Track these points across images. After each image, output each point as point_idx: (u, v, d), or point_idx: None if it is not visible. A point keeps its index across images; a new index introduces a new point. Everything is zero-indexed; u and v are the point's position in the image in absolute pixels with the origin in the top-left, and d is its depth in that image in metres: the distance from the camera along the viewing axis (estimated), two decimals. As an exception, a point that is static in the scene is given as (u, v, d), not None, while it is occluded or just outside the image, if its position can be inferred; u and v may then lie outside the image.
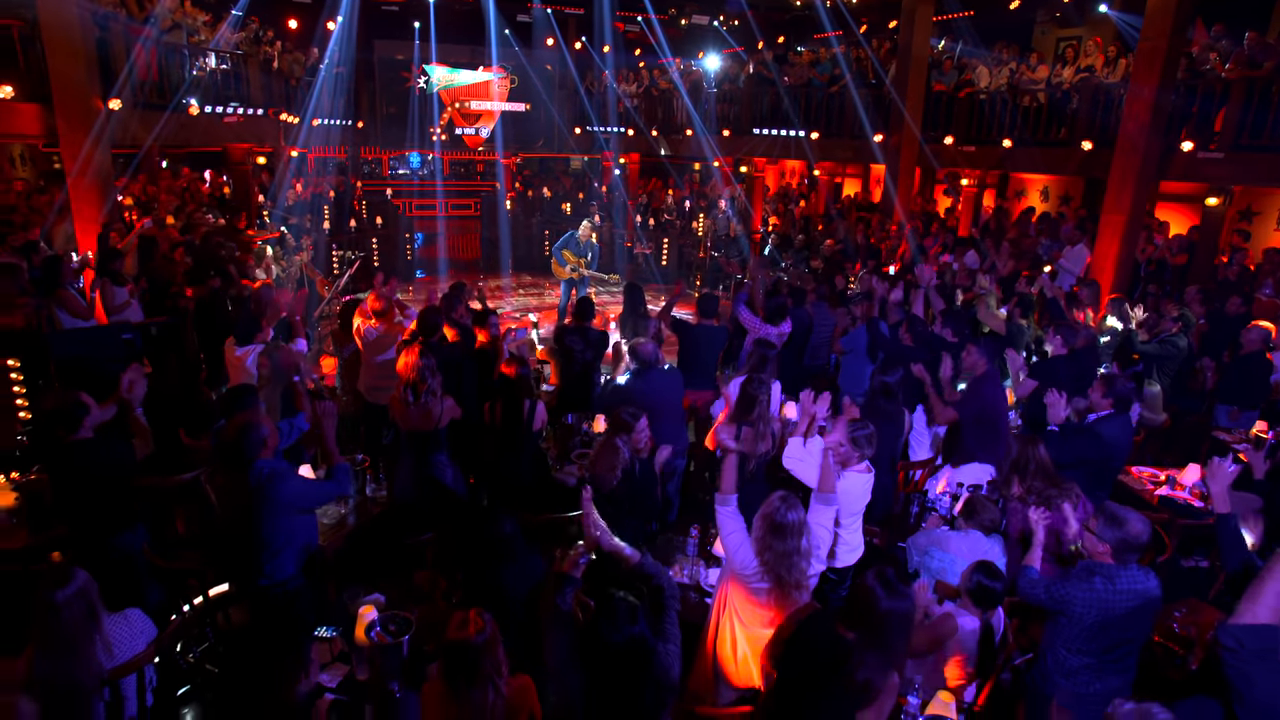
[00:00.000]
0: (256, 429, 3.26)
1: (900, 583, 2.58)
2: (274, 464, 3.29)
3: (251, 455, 3.23)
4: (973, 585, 3.26)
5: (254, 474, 3.21)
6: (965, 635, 3.20)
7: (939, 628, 3.20)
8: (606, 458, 3.70)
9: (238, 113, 10.30)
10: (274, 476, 3.20)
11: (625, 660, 2.21)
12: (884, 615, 2.54)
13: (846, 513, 3.69)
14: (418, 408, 4.09)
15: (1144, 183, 9.41)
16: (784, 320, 6.32)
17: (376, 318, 5.40)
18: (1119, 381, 4.36)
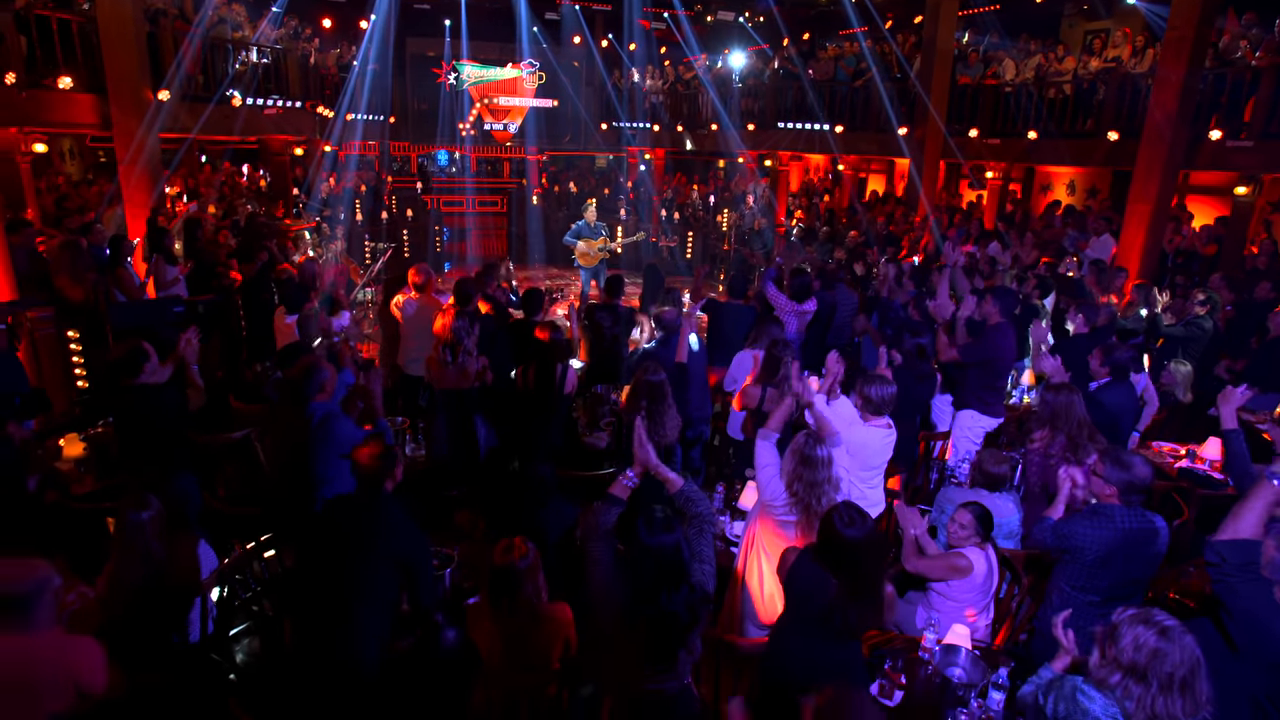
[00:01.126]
0: (320, 371, 3.52)
1: (859, 513, 2.57)
2: (330, 407, 3.53)
3: (311, 394, 3.48)
4: (977, 514, 3.45)
5: (312, 413, 3.45)
6: (978, 571, 3.37)
7: (946, 564, 3.40)
8: (633, 406, 3.88)
9: (277, 105, 10.67)
10: (330, 417, 3.44)
11: (662, 564, 2.37)
12: (846, 544, 2.51)
13: (865, 466, 3.84)
14: (454, 367, 4.30)
15: (1171, 172, 9.40)
16: (809, 299, 6.46)
17: (416, 291, 5.63)
18: (1117, 350, 4.46)
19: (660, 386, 3.86)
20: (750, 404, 4.29)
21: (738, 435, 5.17)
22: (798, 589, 2.60)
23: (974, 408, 5.11)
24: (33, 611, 2.30)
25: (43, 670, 2.29)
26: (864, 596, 2.54)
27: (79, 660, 2.37)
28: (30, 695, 2.26)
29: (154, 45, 8.76)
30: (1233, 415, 3.39)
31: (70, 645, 2.40)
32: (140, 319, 5.94)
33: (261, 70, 10.58)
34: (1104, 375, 4.48)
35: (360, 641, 2.89)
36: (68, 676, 2.32)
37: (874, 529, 2.56)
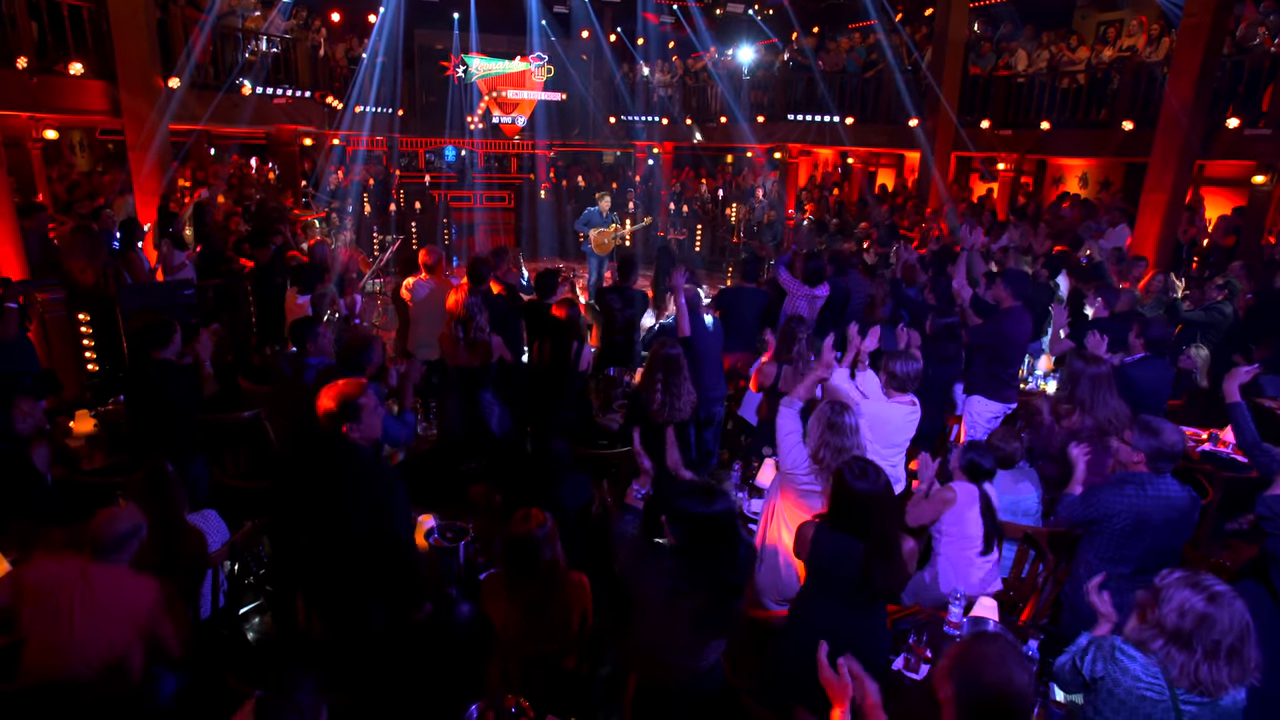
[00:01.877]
0: (375, 345, 3.51)
1: (869, 465, 2.52)
2: (372, 386, 3.53)
3: (361, 369, 3.48)
4: (964, 464, 3.43)
5: None
6: (964, 502, 3.36)
7: (934, 500, 3.41)
8: (649, 379, 3.82)
9: (286, 94, 10.65)
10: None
11: (721, 532, 2.31)
12: (858, 497, 2.46)
13: (886, 442, 3.77)
14: (466, 344, 4.25)
15: (1187, 161, 9.28)
16: (821, 283, 6.39)
17: (427, 272, 5.58)
18: (1155, 324, 4.37)
19: (677, 359, 3.81)
20: (766, 382, 4.23)
21: (751, 418, 5.11)
22: (821, 558, 2.54)
23: (982, 393, 5.03)
24: (129, 548, 2.64)
25: (140, 599, 2.59)
26: (885, 553, 2.48)
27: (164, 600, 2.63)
28: (132, 620, 2.56)
29: (164, 32, 8.75)
30: (1235, 390, 3.40)
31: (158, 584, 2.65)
32: (150, 302, 5.93)
33: (271, 60, 10.56)
34: (1139, 350, 4.40)
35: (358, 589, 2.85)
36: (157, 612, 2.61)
37: (886, 482, 2.51)
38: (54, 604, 2.52)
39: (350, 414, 2.78)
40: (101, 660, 2.53)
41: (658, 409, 3.83)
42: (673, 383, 3.81)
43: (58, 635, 2.51)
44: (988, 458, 3.43)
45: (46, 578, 2.57)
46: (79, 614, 2.53)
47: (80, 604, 2.53)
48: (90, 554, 2.60)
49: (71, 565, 2.60)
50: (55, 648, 2.51)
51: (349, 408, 2.77)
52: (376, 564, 2.83)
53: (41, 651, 2.53)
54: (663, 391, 3.81)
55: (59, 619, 2.52)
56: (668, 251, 6.35)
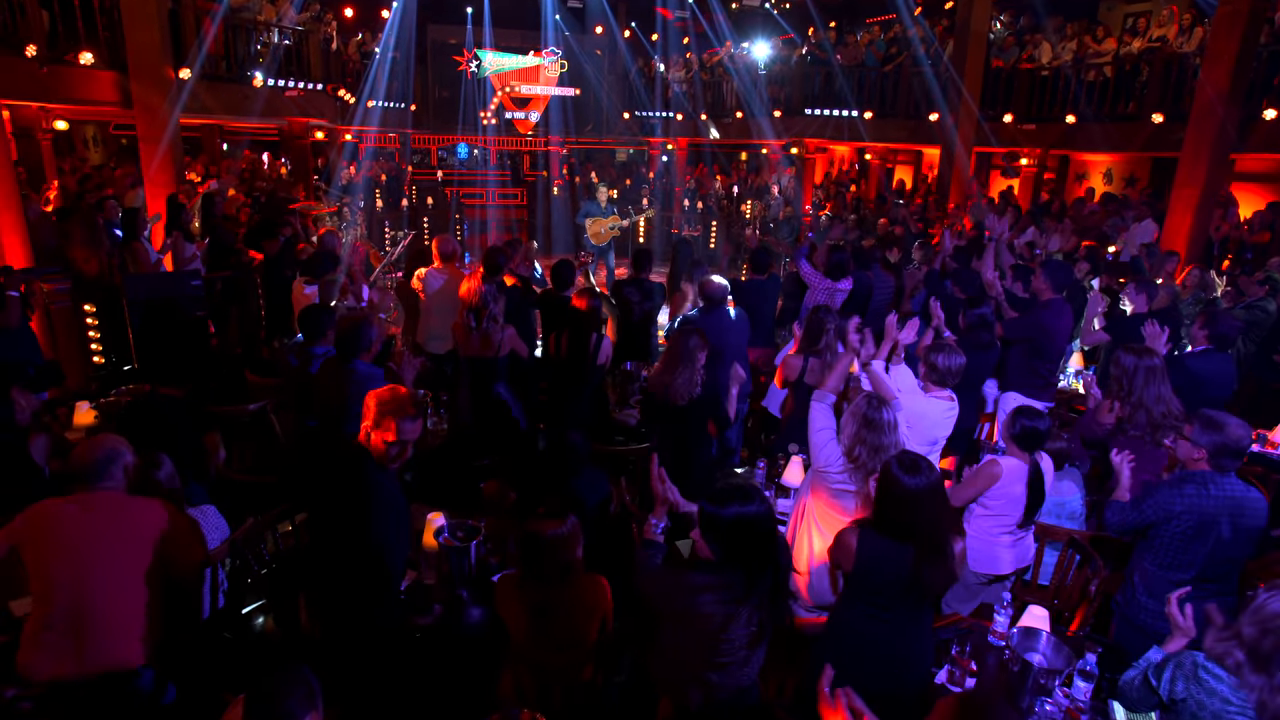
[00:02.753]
0: (368, 327, 3.35)
1: (919, 459, 2.33)
2: (371, 369, 3.36)
3: (355, 352, 3.32)
4: (1017, 430, 3.21)
5: (354, 372, 3.27)
6: (1011, 475, 3.17)
7: (980, 476, 3.21)
8: (669, 367, 3.62)
9: (298, 87, 10.54)
10: (372, 378, 3.27)
11: (753, 533, 2.13)
12: (909, 494, 2.26)
13: (923, 440, 3.56)
14: (479, 333, 4.08)
15: (1220, 154, 8.99)
16: (844, 277, 6.18)
17: (441, 261, 5.42)
18: (1223, 317, 4.13)
19: (692, 349, 3.61)
20: (791, 376, 4.03)
21: (775, 412, 4.91)
22: (865, 564, 2.34)
23: (1018, 389, 4.80)
24: (113, 473, 2.52)
25: (147, 517, 2.50)
26: (937, 555, 2.28)
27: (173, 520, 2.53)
28: (143, 540, 2.47)
29: (176, 23, 8.65)
30: None
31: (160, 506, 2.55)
32: (157, 291, 5.81)
33: (283, 52, 10.46)
34: (1202, 342, 4.16)
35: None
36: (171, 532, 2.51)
37: (938, 477, 2.30)
38: (58, 537, 2.39)
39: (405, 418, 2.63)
40: (122, 589, 2.40)
41: (670, 392, 3.64)
42: (684, 368, 3.61)
43: (68, 568, 2.37)
44: (1043, 421, 3.21)
45: (44, 516, 2.44)
46: (88, 542, 2.40)
47: (86, 532, 2.41)
48: (81, 489, 2.49)
49: (67, 503, 2.47)
50: (66, 582, 2.36)
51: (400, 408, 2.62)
52: (382, 577, 2.67)
53: (50, 589, 2.37)
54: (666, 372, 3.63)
55: (65, 550, 2.38)
56: (685, 245, 6.13)
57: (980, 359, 4.35)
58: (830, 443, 2.92)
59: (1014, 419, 3.23)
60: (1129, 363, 3.53)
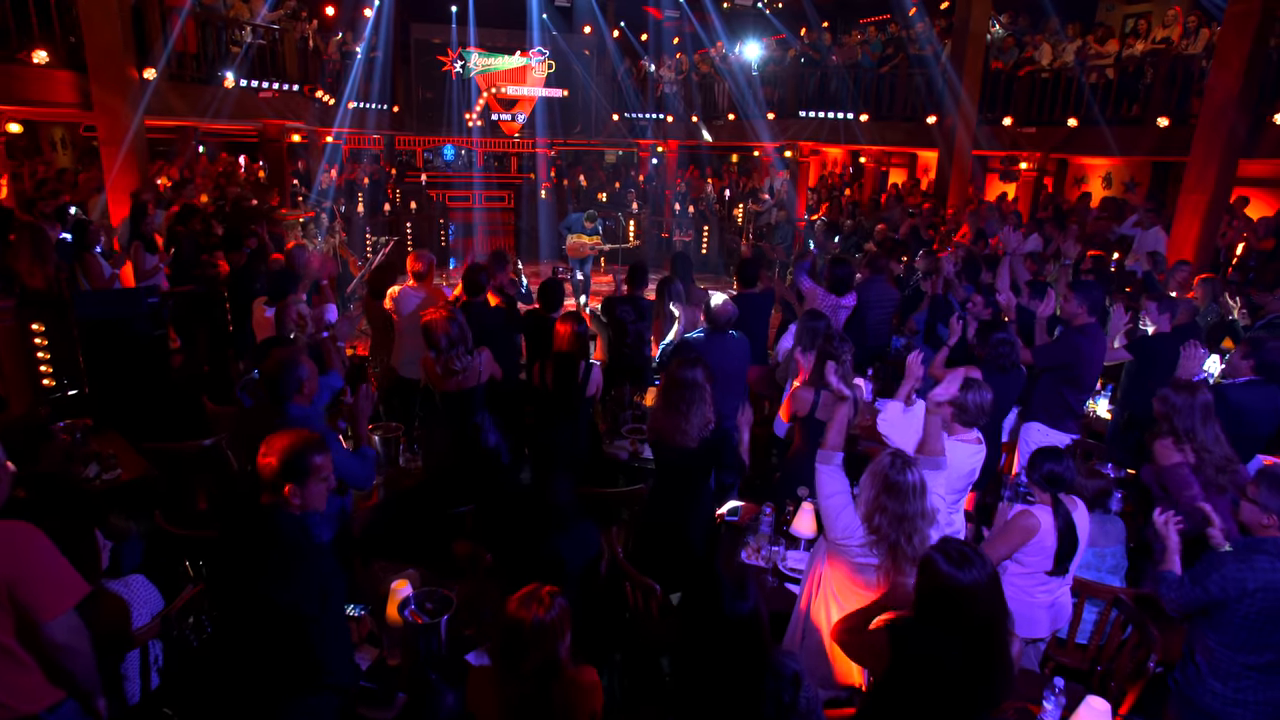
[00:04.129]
0: (296, 367, 2.89)
1: (969, 551, 2.02)
2: (309, 412, 2.91)
3: (287, 395, 2.86)
4: (1041, 475, 2.93)
5: (288, 420, 2.83)
6: (1046, 531, 2.87)
7: (1013, 529, 2.91)
8: (675, 406, 3.22)
9: (273, 88, 10.08)
10: (308, 422, 2.81)
11: (743, 634, 1.77)
12: (963, 593, 1.95)
13: (949, 488, 3.20)
14: (450, 368, 3.68)
15: (1229, 159, 8.71)
16: (849, 292, 5.82)
17: (416, 280, 5.01)
18: (1270, 345, 3.79)
19: (695, 385, 3.22)
20: (801, 410, 3.66)
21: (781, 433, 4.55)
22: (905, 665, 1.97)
23: (1042, 420, 4.45)
24: None
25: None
26: (990, 659, 1.93)
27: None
28: None
29: (140, 20, 8.18)
30: None
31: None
32: (108, 311, 5.36)
33: (256, 51, 9.99)
34: (1245, 371, 3.82)
35: None
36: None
37: (992, 571, 1.94)
38: None
39: (296, 473, 2.19)
40: None
41: (682, 435, 3.25)
42: (679, 406, 3.22)
43: None
44: (1066, 461, 2.93)
45: None
46: None
47: None
48: None
49: None
50: None
51: (295, 466, 2.19)
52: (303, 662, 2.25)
53: None
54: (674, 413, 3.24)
55: None
56: (685, 258, 5.73)
57: (1003, 384, 4.00)
58: (845, 509, 2.54)
59: (1036, 463, 2.89)
60: (1181, 401, 3.18)
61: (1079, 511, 2.91)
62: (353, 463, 2.89)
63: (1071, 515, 2.86)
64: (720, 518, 3.64)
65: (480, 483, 3.66)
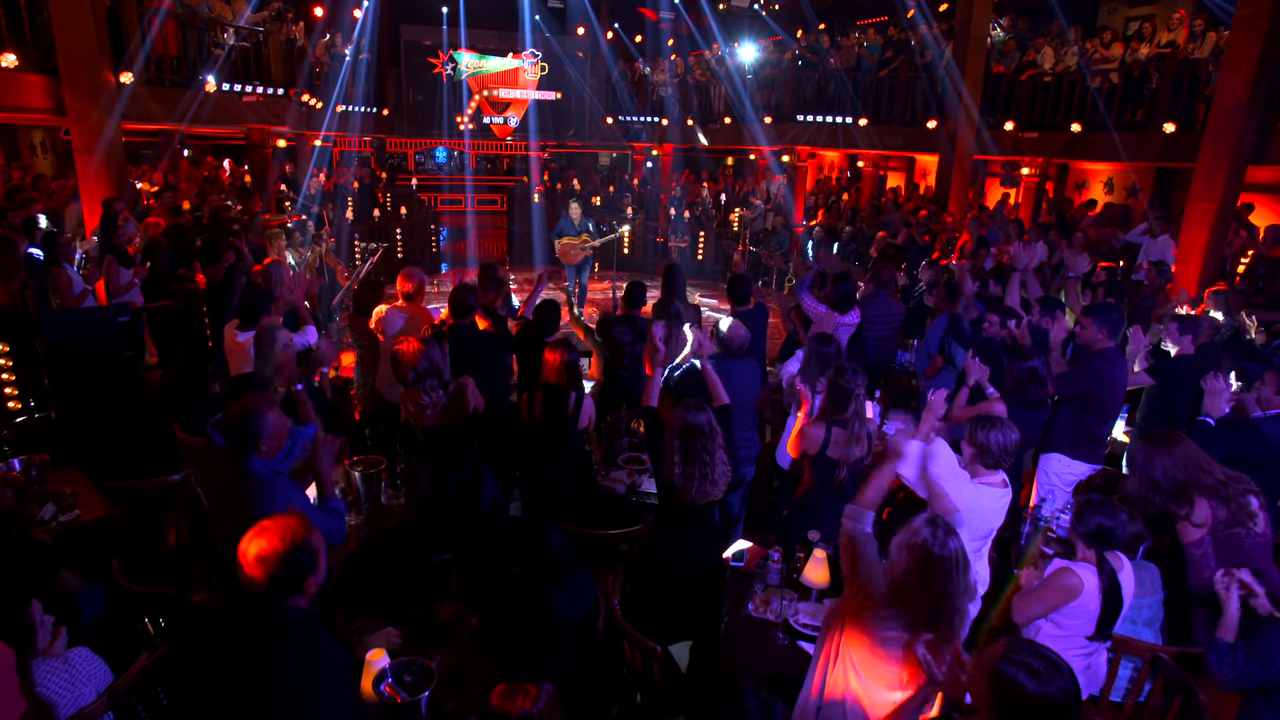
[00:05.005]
0: (258, 417, 2.60)
1: (1046, 659, 1.77)
2: (274, 467, 2.64)
3: (247, 449, 2.58)
4: (1090, 529, 2.67)
5: (247, 475, 2.56)
6: (1092, 588, 2.62)
7: (1052, 589, 2.65)
8: (694, 456, 2.98)
9: (257, 92, 9.78)
10: (268, 484, 2.55)
11: None
12: (1045, 708, 1.72)
13: (972, 535, 2.96)
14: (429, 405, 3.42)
15: (1238, 166, 8.51)
16: (852, 309, 5.58)
17: (404, 300, 4.74)
18: None
19: (704, 428, 2.97)
20: (811, 448, 3.41)
21: (786, 463, 4.31)
22: None
23: (1063, 451, 4.21)
24: None
25: None
26: None
27: None
28: None
29: (116, 23, 7.87)
30: None
31: None
32: (74, 330, 5.07)
33: (239, 54, 9.69)
34: (1278, 405, 3.60)
35: None
36: None
37: (1072, 680, 1.70)
38: None
39: (296, 578, 1.95)
40: None
41: (681, 487, 3.01)
42: (700, 456, 2.97)
43: None
44: (1120, 516, 2.67)
45: None
46: None
47: None
48: None
49: None
50: None
51: (296, 565, 1.94)
52: None
53: None
54: (682, 465, 2.98)
55: None
56: (677, 270, 5.46)
57: (1029, 419, 3.76)
58: (872, 579, 2.29)
59: (1085, 515, 2.65)
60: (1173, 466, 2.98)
61: (1125, 571, 2.68)
62: (318, 520, 2.61)
63: (1117, 575, 2.63)
64: (725, 561, 3.39)
65: (465, 526, 3.40)
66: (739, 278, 5.21)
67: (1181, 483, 3.04)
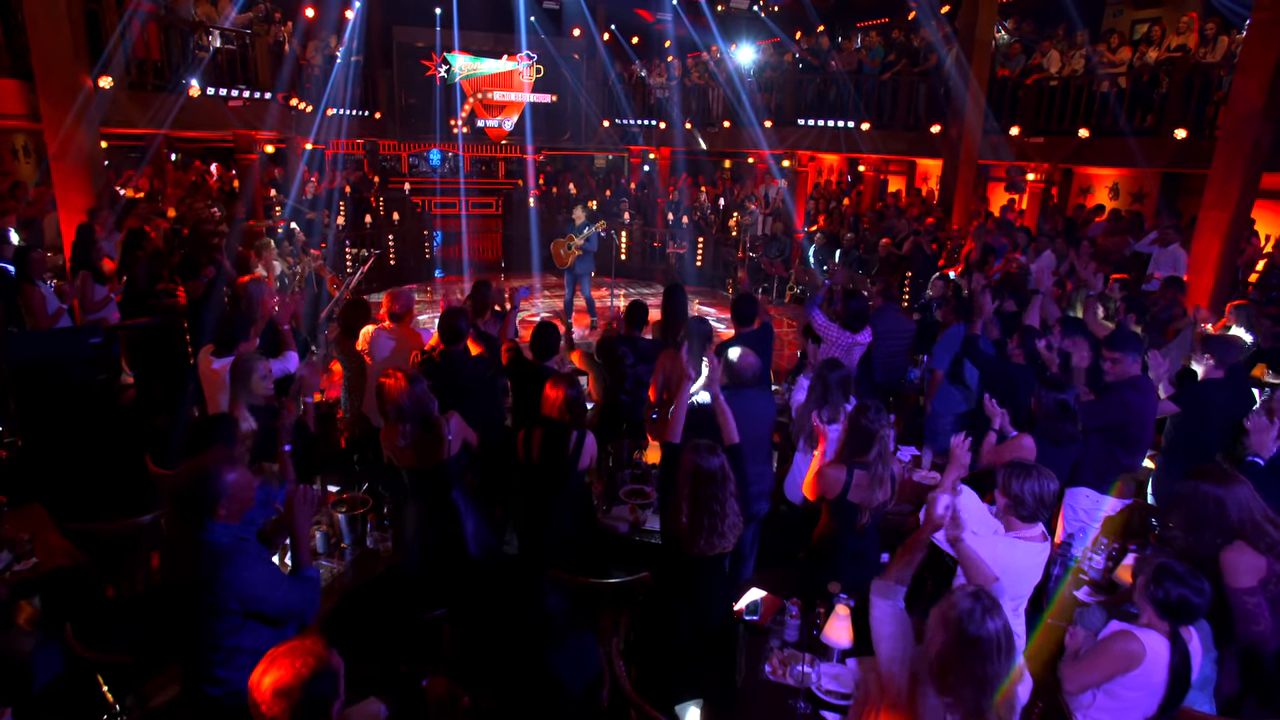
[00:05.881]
0: (216, 478, 2.30)
1: None
2: (238, 533, 2.33)
3: (206, 513, 2.29)
4: (1170, 600, 2.36)
5: (203, 547, 2.28)
6: (1156, 659, 2.35)
7: (1108, 655, 2.38)
8: (705, 507, 2.72)
9: (243, 97, 9.48)
10: (229, 559, 2.25)
11: None
12: None
13: (1010, 594, 2.72)
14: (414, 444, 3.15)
15: (1253, 173, 8.31)
16: (864, 328, 5.33)
17: (392, 322, 4.48)
18: None
19: (715, 474, 2.72)
20: (831, 492, 3.15)
21: (796, 498, 4.06)
22: None
23: (1090, 484, 3.96)
24: None
25: None
26: None
27: None
28: None
29: (95, 25, 7.57)
30: None
31: None
32: (44, 352, 4.79)
33: (225, 57, 9.40)
34: None
35: None
36: None
37: None
38: None
39: (320, 708, 1.70)
40: None
41: (688, 538, 2.75)
42: (710, 505, 2.72)
43: None
44: (1203, 588, 2.36)
45: None
46: None
47: None
48: None
49: None
50: None
51: (318, 692, 1.70)
52: None
53: None
54: (691, 514, 2.73)
55: None
56: (679, 291, 5.16)
57: (1059, 457, 3.51)
58: (905, 658, 2.04)
59: (1159, 580, 2.38)
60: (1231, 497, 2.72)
61: (1195, 642, 2.43)
62: (289, 595, 2.34)
63: (1188, 647, 2.38)
64: (739, 614, 3.13)
65: (456, 577, 3.14)
66: (745, 298, 4.93)
67: (1235, 529, 2.79)
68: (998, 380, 4.66)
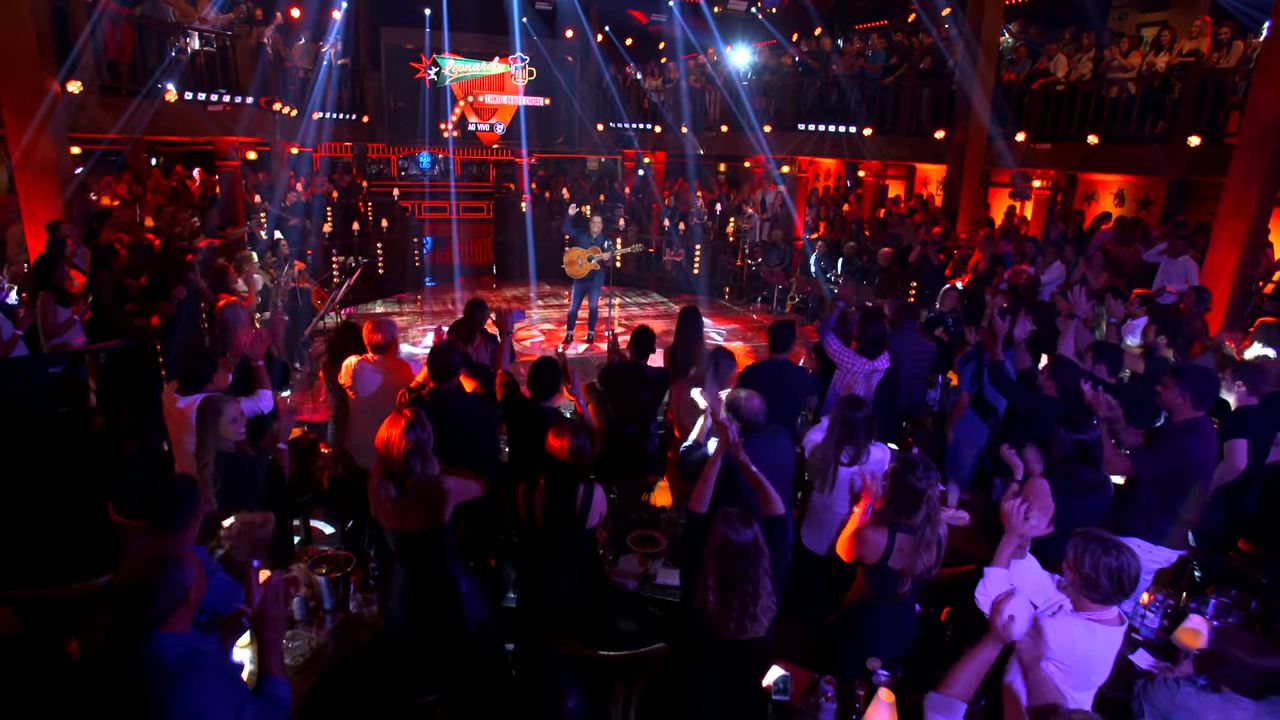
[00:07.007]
0: (167, 577, 1.90)
1: None
2: (190, 644, 1.94)
3: (153, 620, 1.90)
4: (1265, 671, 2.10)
5: (150, 656, 1.88)
6: None
7: None
8: (734, 586, 2.38)
9: (223, 101, 9.08)
10: (181, 681, 1.85)
11: None
12: None
13: (1081, 684, 2.39)
14: (405, 503, 2.80)
15: (1272, 182, 8.05)
16: (882, 353, 5.01)
17: (374, 353, 4.11)
18: None
19: (748, 549, 2.38)
20: (871, 557, 2.82)
21: (819, 547, 3.72)
22: None
23: (1142, 535, 3.63)
24: None
25: None
26: None
27: None
28: None
29: (63, 25, 7.16)
30: None
31: None
32: None
33: (205, 60, 8.99)
34: None
35: None
36: None
37: None
38: None
39: None
40: None
41: (716, 620, 2.42)
42: (741, 585, 2.38)
43: None
44: None
45: None
46: None
47: None
48: None
49: None
50: None
51: None
52: None
53: None
54: (718, 592, 2.40)
55: None
56: (694, 315, 4.81)
57: (1079, 507, 3.17)
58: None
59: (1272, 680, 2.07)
60: None
61: None
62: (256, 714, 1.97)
63: None
64: (766, 691, 2.79)
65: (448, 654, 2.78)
66: (784, 324, 4.58)
67: None
68: (1027, 413, 4.35)
